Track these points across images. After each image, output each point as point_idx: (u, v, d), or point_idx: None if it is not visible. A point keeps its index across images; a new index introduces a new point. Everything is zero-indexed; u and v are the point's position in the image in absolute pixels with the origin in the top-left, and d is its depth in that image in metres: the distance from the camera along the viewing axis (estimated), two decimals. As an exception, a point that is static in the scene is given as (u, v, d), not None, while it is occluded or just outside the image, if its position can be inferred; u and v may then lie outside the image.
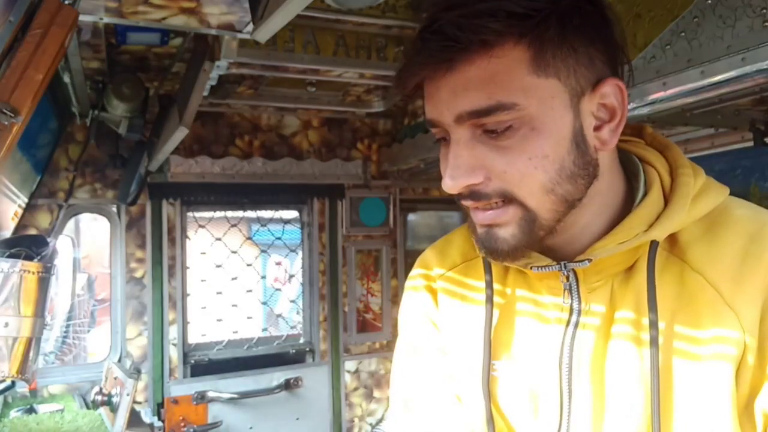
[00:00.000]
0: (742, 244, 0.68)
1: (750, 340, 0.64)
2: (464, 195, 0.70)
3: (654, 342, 0.67)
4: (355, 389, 3.40)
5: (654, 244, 0.70)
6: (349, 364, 3.38)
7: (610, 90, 0.69)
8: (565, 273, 0.74)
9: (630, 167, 0.77)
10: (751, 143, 2.54)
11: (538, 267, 0.74)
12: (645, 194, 0.73)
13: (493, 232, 0.70)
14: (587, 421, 0.73)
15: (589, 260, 0.71)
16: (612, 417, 0.71)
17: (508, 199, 0.68)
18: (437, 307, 0.89)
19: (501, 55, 0.64)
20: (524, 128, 0.66)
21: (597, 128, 0.70)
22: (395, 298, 3.49)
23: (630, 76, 0.74)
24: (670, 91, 1.49)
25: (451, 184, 0.69)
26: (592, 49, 0.67)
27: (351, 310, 3.38)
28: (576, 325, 0.74)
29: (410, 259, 3.58)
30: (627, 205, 0.74)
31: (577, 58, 0.66)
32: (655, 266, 0.70)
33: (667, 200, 0.72)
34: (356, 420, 3.40)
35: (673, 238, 0.72)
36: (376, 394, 3.44)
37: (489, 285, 0.81)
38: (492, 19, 0.62)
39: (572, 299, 0.75)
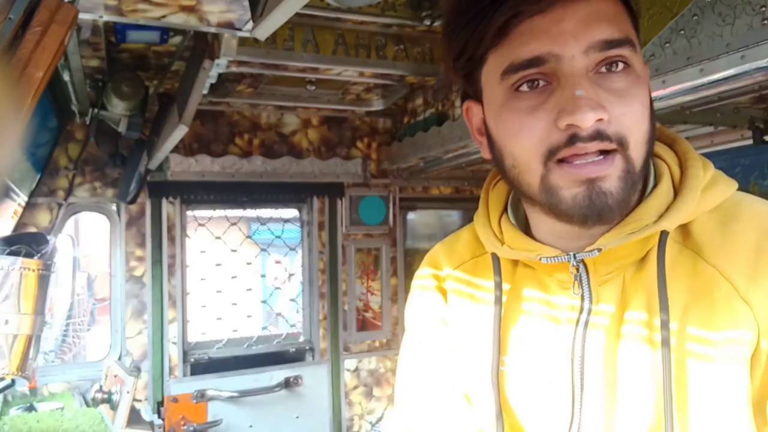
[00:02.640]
0: (756, 239, 0.67)
1: (765, 335, 0.64)
2: (583, 135, 0.65)
3: (665, 338, 0.67)
4: (355, 388, 3.40)
5: (664, 235, 0.70)
6: (349, 363, 3.38)
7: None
8: (575, 264, 0.73)
9: None
10: (750, 141, 2.54)
11: (547, 258, 0.74)
12: (655, 186, 0.73)
13: (599, 187, 0.66)
14: (600, 414, 0.72)
15: (599, 250, 0.70)
16: (624, 411, 0.71)
17: (621, 146, 0.66)
18: (447, 306, 0.89)
19: (615, 2, 0.69)
20: (633, 74, 0.68)
21: None
22: (395, 297, 3.49)
23: None
24: (669, 89, 1.49)
25: (583, 117, 0.64)
26: None
27: (351, 308, 3.38)
28: (588, 318, 0.74)
29: (410, 257, 3.58)
30: (637, 198, 0.74)
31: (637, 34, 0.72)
32: (668, 258, 0.69)
33: (676, 192, 0.72)
34: (356, 418, 3.40)
35: (686, 231, 0.72)
36: (376, 392, 3.45)
37: (498, 286, 0.81)
38: None
39: (582, 292, 0.74)
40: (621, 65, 0.67)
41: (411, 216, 3.71)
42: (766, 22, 1.26)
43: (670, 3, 1.46)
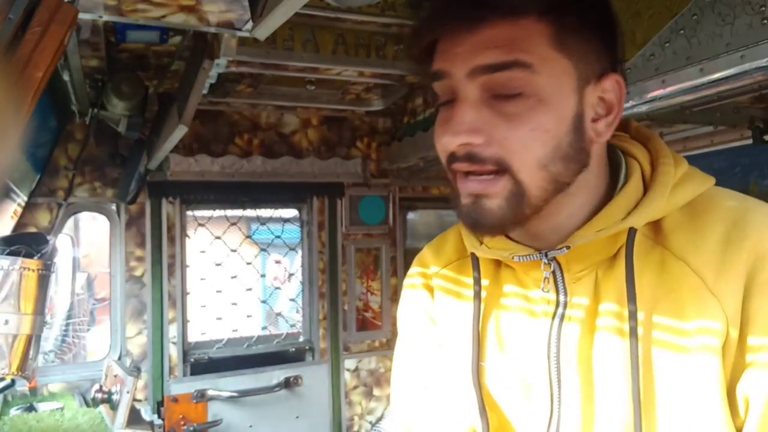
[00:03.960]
0: (724, 231, 0.68)
1: (732, 326, 0.65)
2: (458, 156, 0.70)
3: (633, 332, 0.68)
4: (355, 387, 3.40)
5: (632, 232, 0.71)
6: (349, 363, 3.38)
7: (610, 85, 0.71)
8: (546, 261, 0.75)
9: (614, 160, 0.78)
10: (750, 141, 2.54)
11: (520, 257, 0.76)
12: (625, 184, 0.74)
13: (480, 203, 0.70)
14: (577, 409, 0.74)
15: (568, 247, 0.72)
16: (602, 405, 0.72)
17: (501, 169, 0.68)
18: (434, 303, 0.91)
19: (525, 25, 0.67)
20: (533, 99, 0.67)
21: (594, 120, 0.72)
22: (395, 297, 3.49)
23: (625, 75, 0.76)
24: (669, 89, 1.49)
25: (448, 140, 0.69)
26: (600, 43, 0.71)
27: (351, 308, 3.38)
28: (562, 315, 0.75)
29: (410, 257, 3.55)
30: (609, 197, 0.75)
31: (589, 47, 0.70)
32: (638, 254, 0.71)
33: (647, 189, 0.73)
34: (356, 418, 3.40)
35: (657, 227, 0.72)
36: (376, 392, 3.45)
37: (477, 281, 0.82)
38: None
39: (557, 289, 0.76)
40: (513, 91, 0.67)
41: (411, 216, 3.71)
42: (765, 21, 1.26)
43: (669, 3, 1.46)
